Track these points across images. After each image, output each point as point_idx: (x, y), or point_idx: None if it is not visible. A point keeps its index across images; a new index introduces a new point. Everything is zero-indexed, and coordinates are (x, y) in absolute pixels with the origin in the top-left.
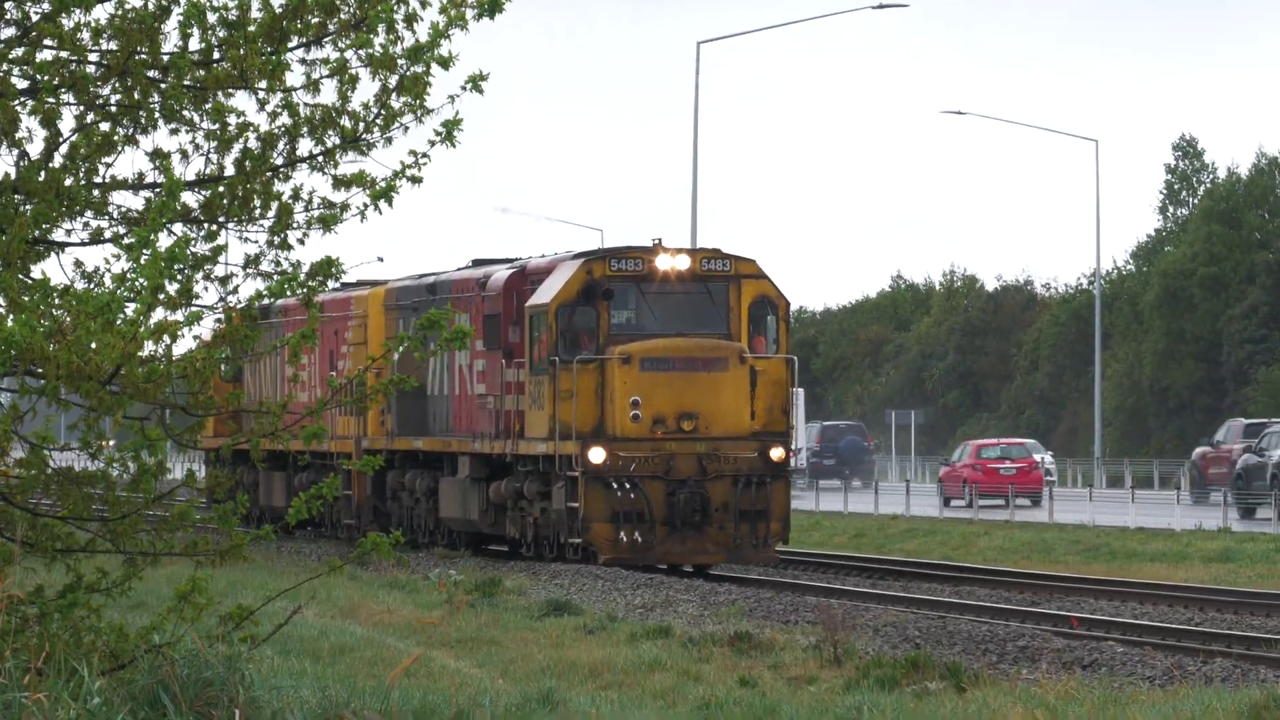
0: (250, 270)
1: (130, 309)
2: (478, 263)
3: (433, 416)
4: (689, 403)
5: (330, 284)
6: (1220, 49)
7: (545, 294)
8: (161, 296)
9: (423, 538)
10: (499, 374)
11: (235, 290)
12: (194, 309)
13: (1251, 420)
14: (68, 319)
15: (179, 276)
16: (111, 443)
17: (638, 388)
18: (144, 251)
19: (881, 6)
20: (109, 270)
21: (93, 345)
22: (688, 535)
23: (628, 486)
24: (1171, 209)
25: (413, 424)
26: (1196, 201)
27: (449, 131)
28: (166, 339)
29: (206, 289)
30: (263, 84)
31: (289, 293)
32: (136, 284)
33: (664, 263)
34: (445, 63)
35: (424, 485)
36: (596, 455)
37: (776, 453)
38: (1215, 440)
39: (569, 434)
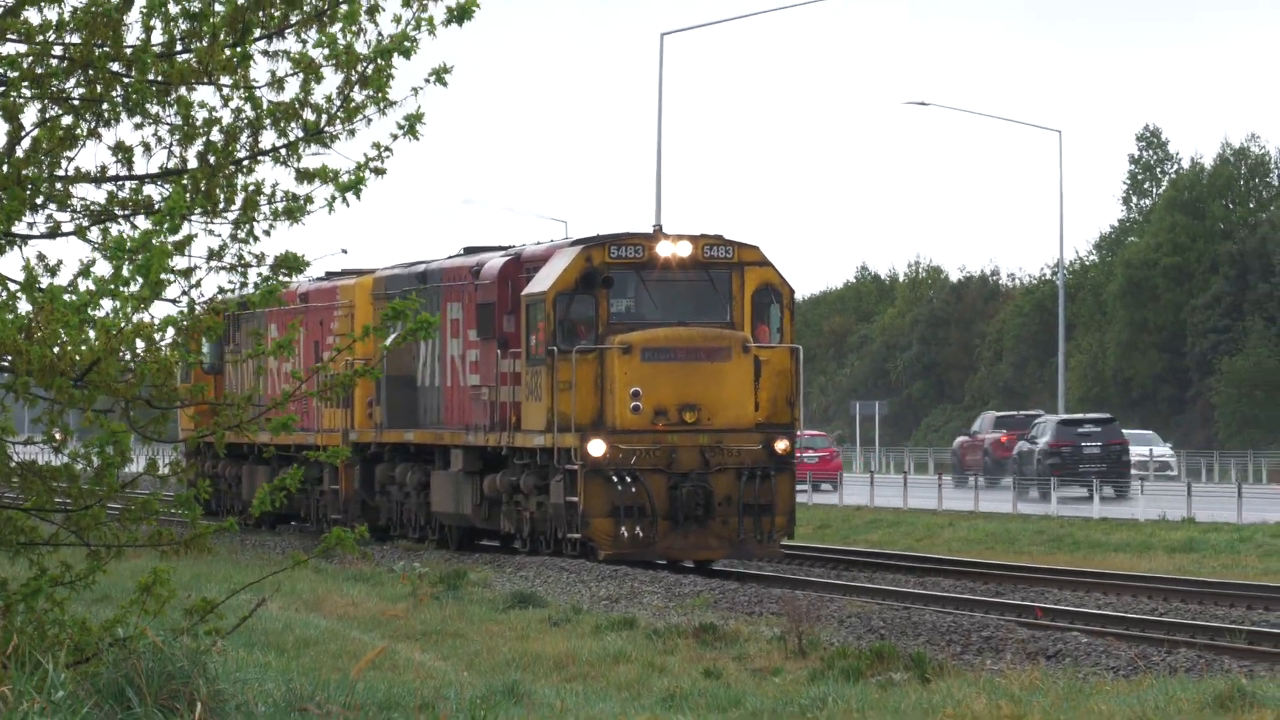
0: (214, 263)
1: (106, 306)
2: (469, 250)
3: (423, 408)
4: (691, 394)
5: (312, 273)
6: (1184, 39)
7: (542, 282)
8: (130, 291)
9: (413, 533)
10: (494, 364)
11: (198, 284)
12: (169, 315)
13: (1001, 413)
14: (38, 314)
15: (167, 277)
16: (75, 436)
17: (638, 378)
18: (127, 252)
19: None
20: (83, 268)
21: (62, 338)
22: (690, 530)
23: (628, 480)
24: (1135, 199)
25: (402, 416)
26: (1160, 192)
27: (411, 125)
28: (140, 339)
29: (171, 281)
30: (226, 79)
31: (252, 288)
32: (117, 282)
33: (665, 249)
34: (407, 52)
35: (415, 479)
36: (596, 448)
37: (781, 445)
38: (972, 430)
39: (568, 426)
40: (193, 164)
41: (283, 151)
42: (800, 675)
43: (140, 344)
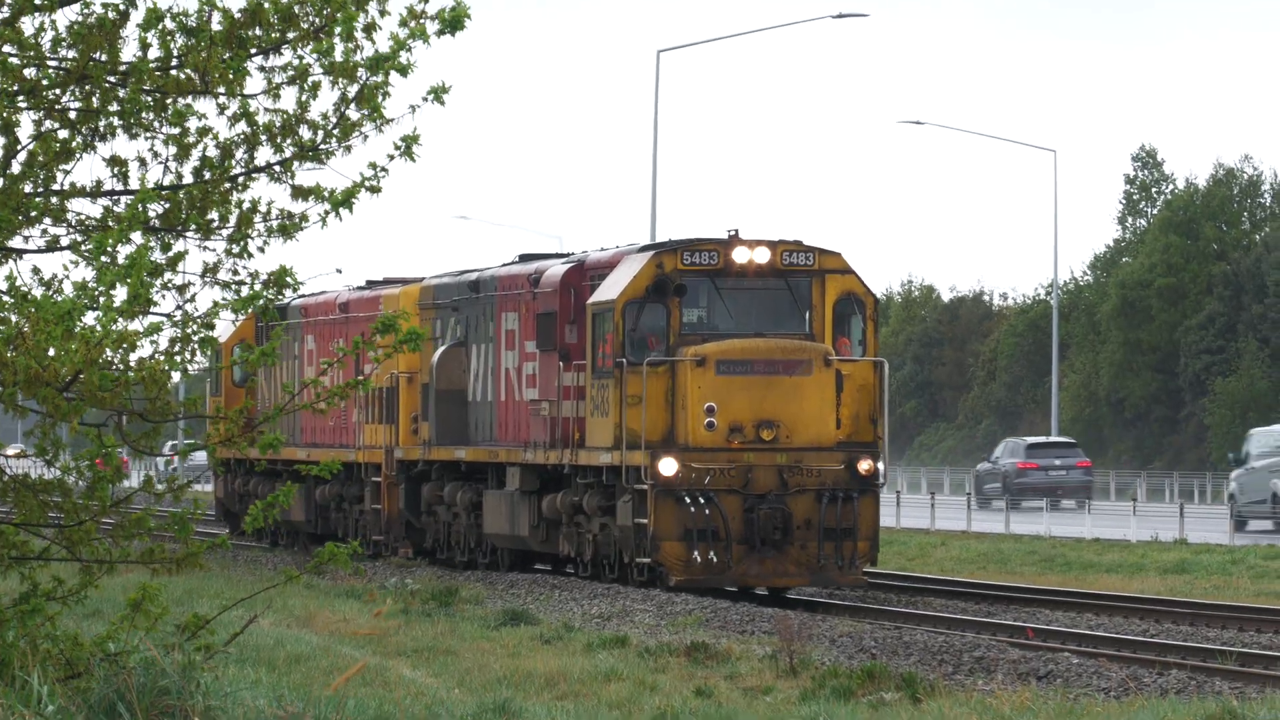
0: (208, 279)
1: (91, 317)
2: (525, 258)
3: (475, 424)
4: (769, 409)
5: (353, 282)
6: (1180, 59)
7: (610, 290)
8: (118, 302)
9: (460, 555)
10: (554, 378)
11: (193, 299)
12: (153, 319)
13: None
14: (26, 326)
15: (146, 285)
16: (67, 450)
17: (713, 393)
18: (106, 257)
19: (841, 16)
20: (67, 277)
21: (50, 351)
22: (767, 555)
23: (702, 501)
24: (1130, 219)
25: (452, 432)
26: (1155, 212)
27: (408, 147)
28: (125, 347)
29: (164, 297)
30: (222, 90)
31: (247, 308)
32: (97, 291)
33: (741, 255)
34: (404, 70)
35: (466, 499)
36: (668, 467)
37: (865, 465)
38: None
39: (637, 443)
40: (188, 179)
41: (277, 168)
42: (791, 694)
43: (127, 354)
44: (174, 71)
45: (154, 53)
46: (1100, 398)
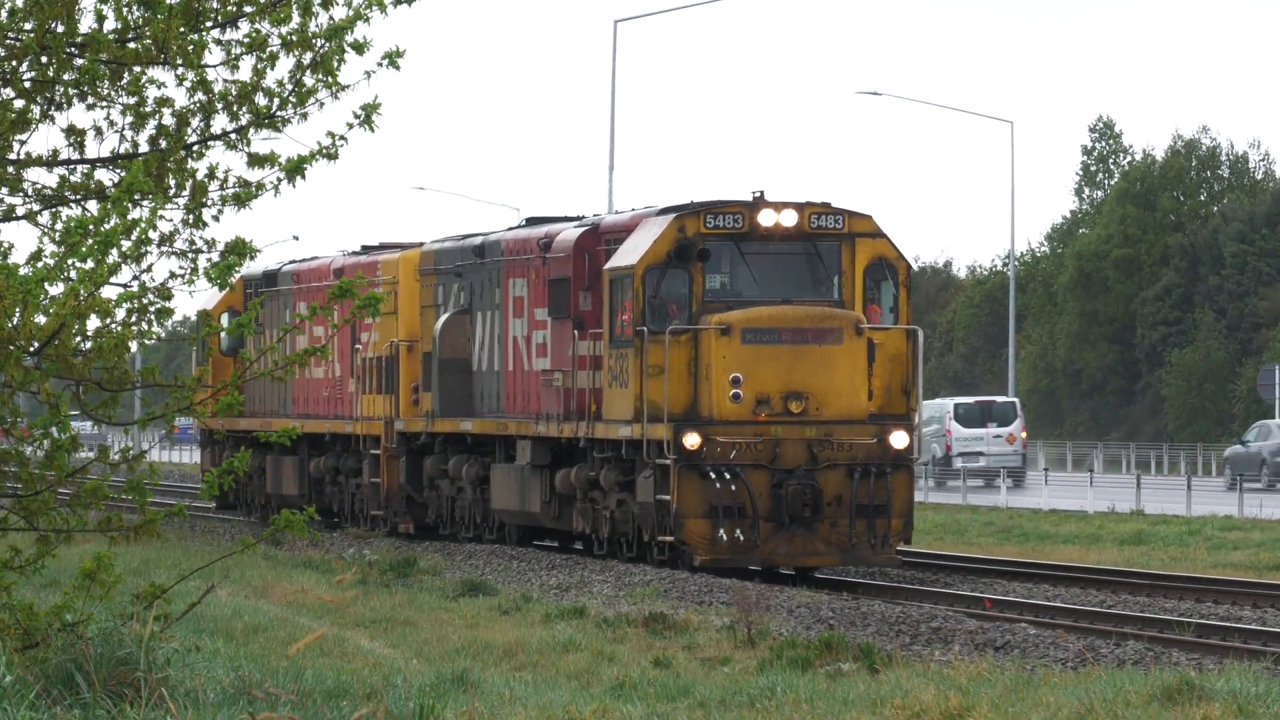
0: (165, 248)
1: (58, 289)
2: (532, 221)
3: (480, 395)
4: (797, 380)
5: (347, 249)
6: (1138, 30)
7: (630, 255)
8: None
9: (465, 531)
10: (568, 347)
11: (149, 268)
12: (124, 291)
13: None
14: None
15: (126, 252)
16: (25, 419)
17: (738, 363)
18: (84, 233)
19: None
20: (13, 247)
21: (15, 318)
22: (796, 533)
23: (727, 477)
24: (1087, 191)
25: (457, 404)
26: (1112, 183)
27: (367, 115)
28: (96, 315)
29: (121, 266)
30: (180, 61)
31: (208, 279)
32: (75, 256)
33: (767, 218)
34: (360, 48)
35: (472, 473)
36: (692, 440)
37: (898, 438)
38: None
39: (659, 416)
40: (144, 149)
41: (234, 136)
42: (749, 665)
43: (96, 320)
44: (131, 44)
45: (110, 24)
46: (1057, 369)
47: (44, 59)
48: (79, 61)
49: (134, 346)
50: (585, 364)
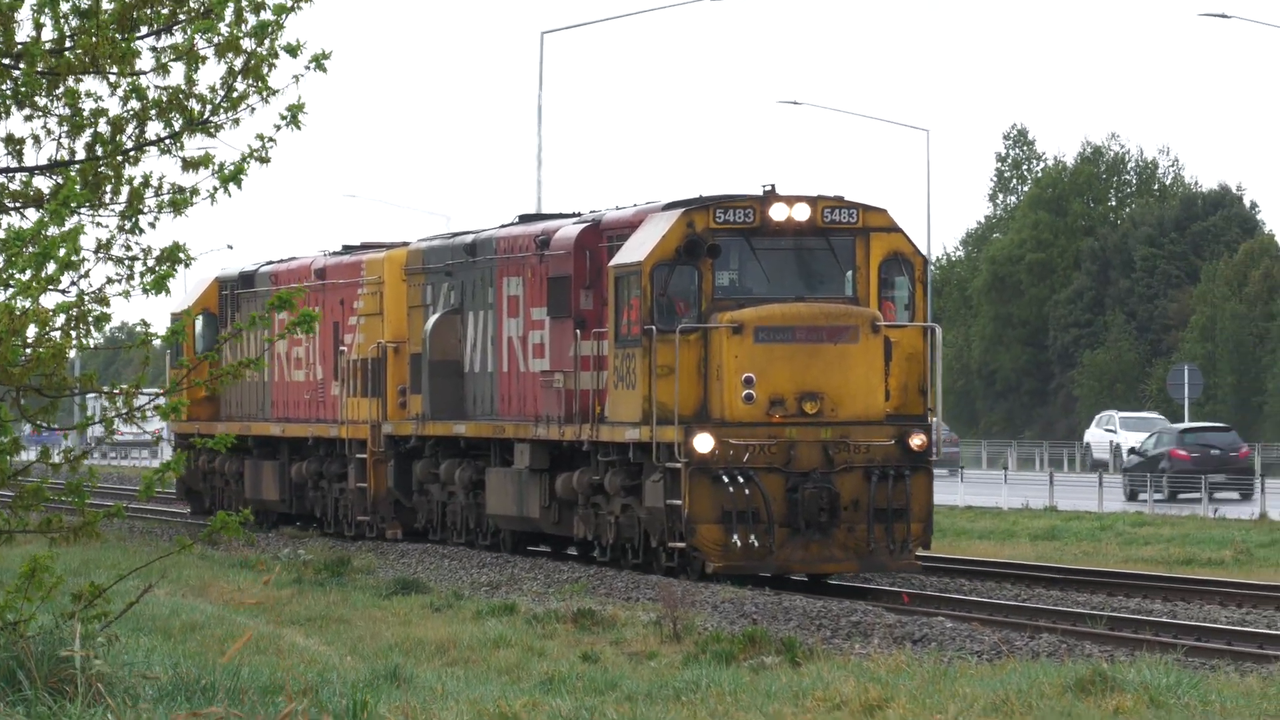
0: (101, 255)
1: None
2: (525, 218)
3: (472, 397)
4: (812, 380)
5: (329, 249)
6: (1051, 39)
7: (636, 251)
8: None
9: (458, 536)
10: (569, 347)
11: (86, 275)
12: (62, 302)
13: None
14: None
15: (62, 262)
16: None
17: (751, 363)
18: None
19: None
20: None
21: None
22: (812, 539)
23: (740, 481)
24: (1001, 197)
25: (448, 406)
26: (1025, 189)
27: (294, 115)
28: (35, 325)
29: (61, 271)
30: (114, 70)
31: (144, 290)
32: (14, 268)
33: (779, 212)
34: (293, 50)
35: (466, 477)
36: (703, 443)
37: (917, 440)
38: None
39: (668, 418)
40: (80, 156)
41: (167, 141)
42: (675, 659)
43: (34, 330)
44: (66, 54)
45: (48, 34)
46: (972, 370)
47: None
48: (16, 72)
49: (72, 354)
50: (588, 364)
